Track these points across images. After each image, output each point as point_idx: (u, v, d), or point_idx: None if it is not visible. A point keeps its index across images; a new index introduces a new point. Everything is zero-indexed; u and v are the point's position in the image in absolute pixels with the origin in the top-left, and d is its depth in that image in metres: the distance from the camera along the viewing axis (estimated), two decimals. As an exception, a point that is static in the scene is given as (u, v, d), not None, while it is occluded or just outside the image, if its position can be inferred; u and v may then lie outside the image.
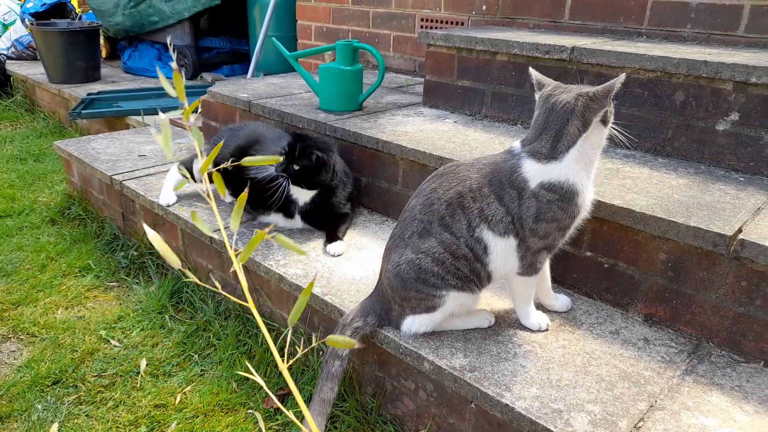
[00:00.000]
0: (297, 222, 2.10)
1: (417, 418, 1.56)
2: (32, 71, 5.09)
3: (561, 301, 1.62)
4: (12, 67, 5.30)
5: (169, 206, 2.28)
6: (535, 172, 1.36)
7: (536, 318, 1.53)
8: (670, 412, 1.25)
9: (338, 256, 1.93)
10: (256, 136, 2.26)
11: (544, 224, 1.36)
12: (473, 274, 1.41)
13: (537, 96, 1.43)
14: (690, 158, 1.91)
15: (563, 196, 1.35)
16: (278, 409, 1.72)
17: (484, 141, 2.11)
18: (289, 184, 1.98)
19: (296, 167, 1.94)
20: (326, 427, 1.57)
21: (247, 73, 4.22)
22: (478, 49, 2.34)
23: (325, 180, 2.00)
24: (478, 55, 2.36)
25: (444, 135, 2.17)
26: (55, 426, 1.64)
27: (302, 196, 2.04)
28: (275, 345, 1.87)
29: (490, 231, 1.38)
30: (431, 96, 2.61)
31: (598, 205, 1.57)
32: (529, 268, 1.43)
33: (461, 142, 2.09)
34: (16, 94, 5.16)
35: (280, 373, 1.83)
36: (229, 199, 2.30)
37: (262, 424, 1.68)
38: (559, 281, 1.73)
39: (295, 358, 1.50)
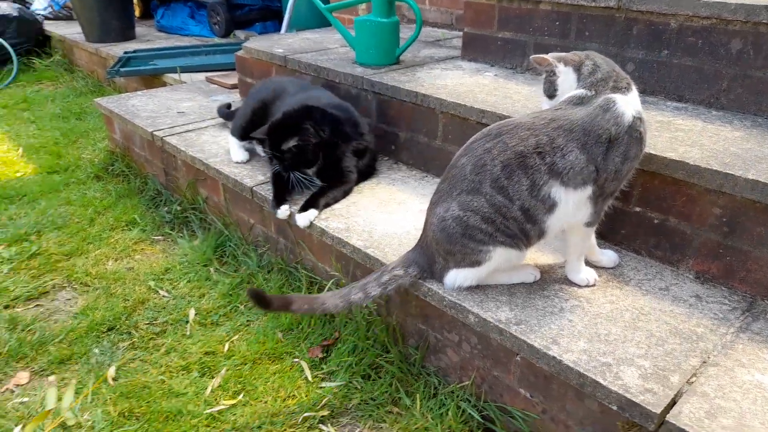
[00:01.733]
0: (317, 182, 2.08)
1: (461, 370, 1.57)
2: (69, 31, 5.13)
3: (608, 256, 1.60)
4: (50, 27, 5.35)
5: (241, 162, 2.30)
6: (627, 105, 1.37)
7: (586, 273, 1.51)
8: (723, 369, 1.24)
9: (307, 227, 1.88)
10: (280, 90, 2.29)
11: (629, 163, 1.38)
12: (522, 234, 1.40)
13: (565, 68, 1.48)
14: (746, 110, 1.82)
15: (644, 130, 1.40)
16: (323, 358, 1.76)
17: (526, 94, 2.05)
18: (295, 174, 1.97)
19: (288, 163, 1.94)
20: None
21: (279, 30, 4.17)
22: (522, -2, 2.25)
23: (319, 145, 1.95)
24: (519, 4, 2.28)
25: (485, 88, 2.12)
26: (113, 369, 1.72)
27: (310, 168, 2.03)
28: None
29: (563, 186, 1.35)
30: (470, 49, 2.54)
31: (649, 158, 1.53)
32: (596, 215, 1.44)
33: (503, 95, 2.04)
34: (55, 54, 5.22)
35: (324, 324, 1.87)
36: (263, 154, 2.32)
37: (308, 372, 1.74)
38: (606, 237, 1.70)
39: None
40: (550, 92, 1.50)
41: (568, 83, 1.47)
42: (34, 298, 2.07)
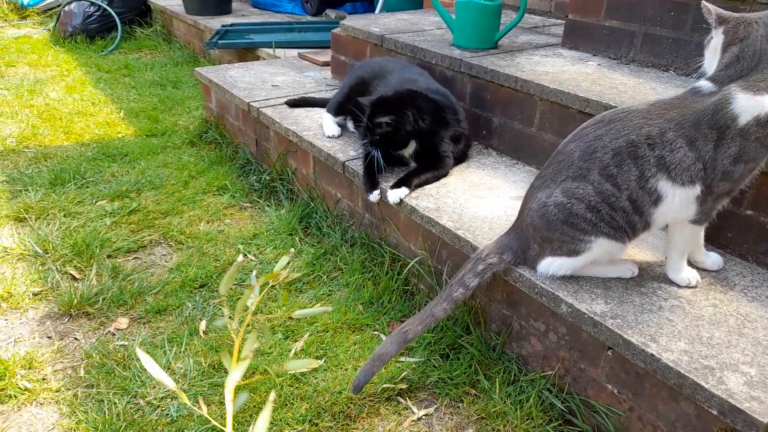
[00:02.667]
0: (413, 164, 2.08)
1: (543, 359, 1.55)
2: (170, 3, 5.36)
3: (712, 259, 1.53)
4: (152, -2, 5.62)
5: (333, 137, 2.34)
6: (749, 106, 1.27)
7: (687, 273, 1.45)
8: (838, 385, 1.16)
9: (396, 204, 1.89)
10: (379, 70, 2.31)
11: (742, 165, 1.29)
12: (628, 226, 1.36)
13: (719, 31, 1.31)
14: None
15: None
16: (403, 334, 1.78)
17: (632, 85, 1.98)
18: (380, 154, 1.97)
19: (377, 137, 1.94)
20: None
21: (369, 12, 4.20)
22: (635, -14, 2.16)
23: (410, 132, 1.95)
24: (633, -8, 2.18)
25: (588, 77, 2.05)
26: (203, 323, 1.80)
27: (405, 149, 2.03)
28: (399, 275, 1.93)
29: (670, 181, 1.31)
30: (572, 36, 2.47)
31: (769, 160, 1.44)
32: (705, 215, 1.37)
33: (608, 85, 1.97)
34: (155, 24, 5.48)
35: (405, 300, 1.89)
36: (353, 129, 2.36)
37: (388, 345, 1.75)
38: (710, 239, 1.62)
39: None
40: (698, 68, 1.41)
41: (708, 60, 1.38)
42: (134, 251, 2.20)
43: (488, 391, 1.57)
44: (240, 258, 0.90)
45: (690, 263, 1.51)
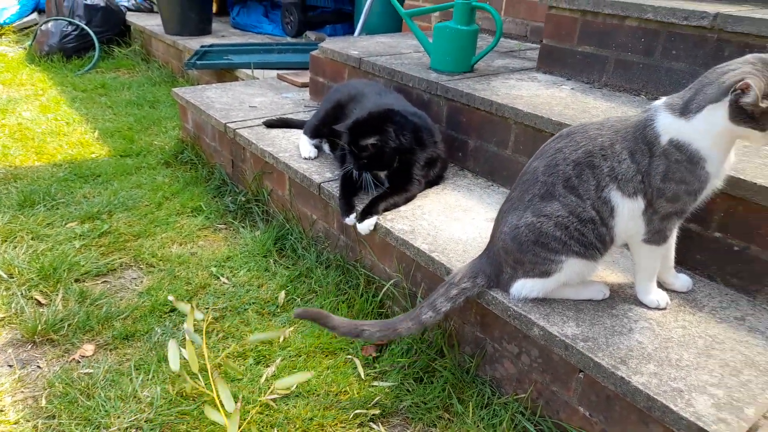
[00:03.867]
0: (387, 184, 2.07)
1: (516, 382, 1.54)
2: (149, 22, 5.36)
3: (681, 280, 1.54)
4: (131, 18, 5.61)
5: (309, 159, 2.34)
6: (667, 127, 1.31)
7: (656, 295, 1.46)
8: (805, 407, 1.17)
9: (367, 233, 1.89)
10: (356, 94, 2.31)
11: (672, 185, 1.31)
12: (598, 240, 1.37)
13: None
14: (842, 141, 1.73)
15: (690, 158, 1.29)
16: (376, 357, 1.76)
17: (604, 109, 2.01)
18: (367, 175, 1.97)
19: (364, 161, 1.94)
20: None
21: (348, 33, 4.24)
22: (605, 13, 2.21)
23: (396, 150, 1.95)
24: (604, 19, 2.23)
25: (561, 101, 2.09)
26: (172, 343, 1.76)
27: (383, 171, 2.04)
28: (374, 297, 1.92)
29: (619, 191, 1.34)
30: (547, 61, 2.51)
31: (735, 183, 1.46)
32: (656, 234, 1.37)
33: (580, 109, 2.00)
34: (134, 44, 5.46)
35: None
36: (330, 152, 2.37)
37: (361, 369, 1.74)
38: (680, 261, 1.63)
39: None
40: None
41: None
42: (103, 275, 2.15)
43: (462, 415, 1.55)
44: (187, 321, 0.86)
45: (660, 285, 1.52)
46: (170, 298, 1.61)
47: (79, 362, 1.73)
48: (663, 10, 2.03)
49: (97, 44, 4.99)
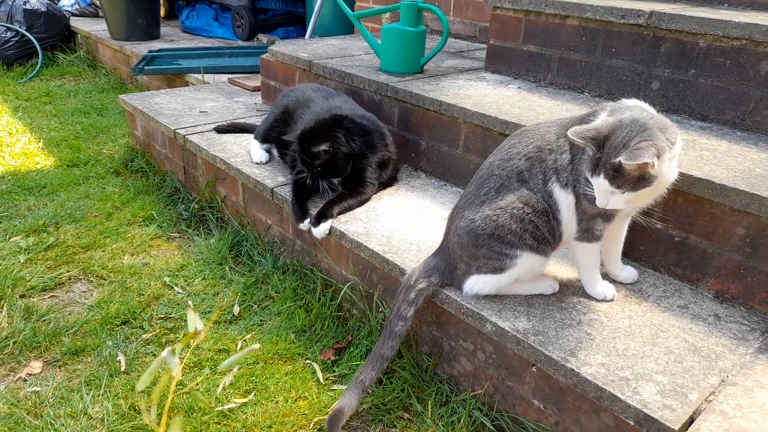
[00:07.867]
0: (339, 188, 2.07)
1: (473, 378, 1.56)
2: (95, 27, 5.20)
3: (627, 272, 1.59)
4: (76, 23, 5.43)
5: (261, 163, 2.32)
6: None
7: (602, 287, 1.50)
8: (742, 388, 1.22)
9: (322, 237, 1.90)
10: (304, 99, 2.30)
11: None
12: (550, 234, 1.41)
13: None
14: (772, 133, 1.82)
15: None
16: (335, 361, 1.76)
17: (550, 107, 2.06)
18: (322, 181, 1.98)
19: (318, 169, 1.95)
20: (381, 380, 1.61)
21: (301, 36, 4.22)
22: (548, 13, 2.26)
23: (348, 155, 1.96)
24: (547, 18, 2.28)
25: (508, 100, 2.12)
26: (122, 357, 1.72)
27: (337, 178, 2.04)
28: (332, 301, 1.91)
29: (557, 183, 1.38)
30: (494, 61, 2.55)
31: (674, 176, 1.52)
32: (586, 233, 1.42)
33: (527, 107, 2.04)
34: (80, 50, 5.30)
35: (337, 327, 1.87)
36: (280, 158, 2.36)
37: (320, 374, 1.73)
38: (625, 253, 1.68)
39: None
40: None
41: None
42: (50, 289, 2.08)
43: (421, 415, 1.56)
44: (166, 352, 0.85)
45: (607, 277, 1.57)
46: (190, 305, 1.47)
47: (26, 380, 1.67)
48: (601, 9, 2.09)
49: (40, 51, 4.82)
